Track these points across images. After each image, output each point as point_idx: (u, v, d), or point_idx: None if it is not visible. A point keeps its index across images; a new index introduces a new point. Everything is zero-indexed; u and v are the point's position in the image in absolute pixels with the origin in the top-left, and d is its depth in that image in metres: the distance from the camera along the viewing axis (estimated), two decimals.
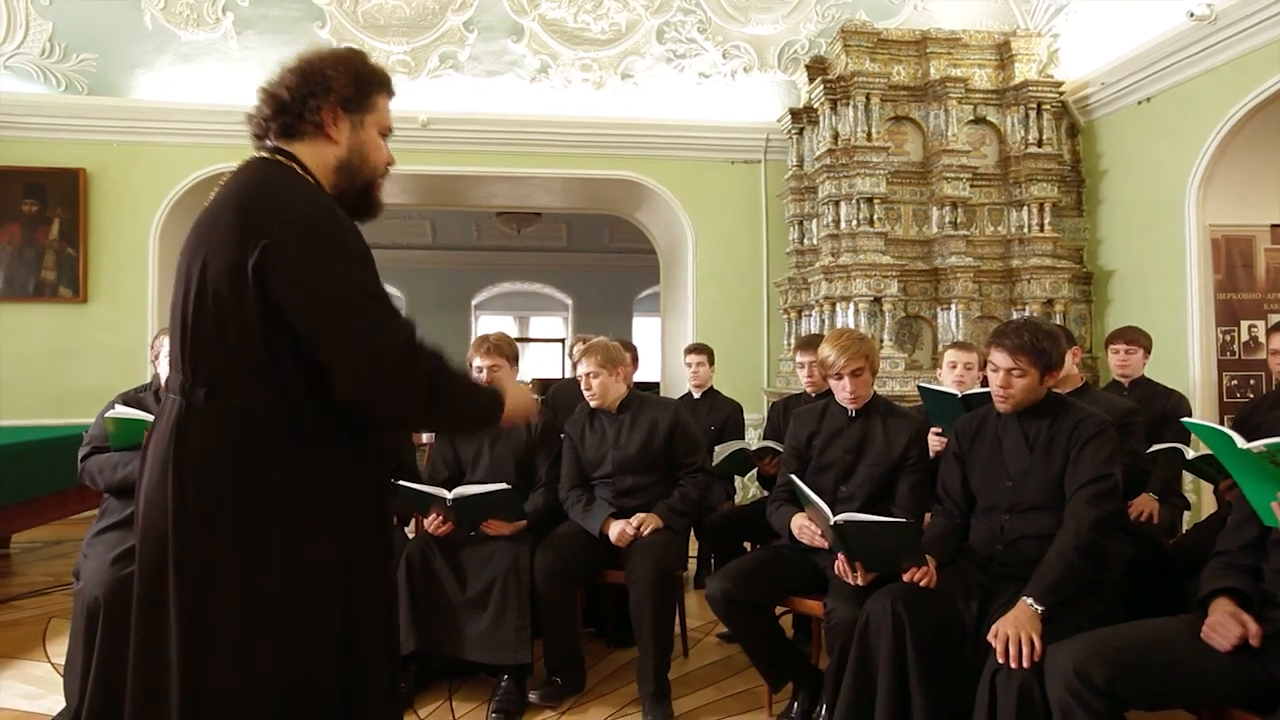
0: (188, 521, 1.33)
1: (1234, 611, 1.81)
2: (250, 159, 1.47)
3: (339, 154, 1.48)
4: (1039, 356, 2.30)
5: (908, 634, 2.20)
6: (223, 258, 1.34)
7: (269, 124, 1.46)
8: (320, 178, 1.47)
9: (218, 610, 1.32)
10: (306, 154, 1.46)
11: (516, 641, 2.80)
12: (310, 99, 1.44)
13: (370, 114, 1.52)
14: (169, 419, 1.39)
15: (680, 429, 3.09)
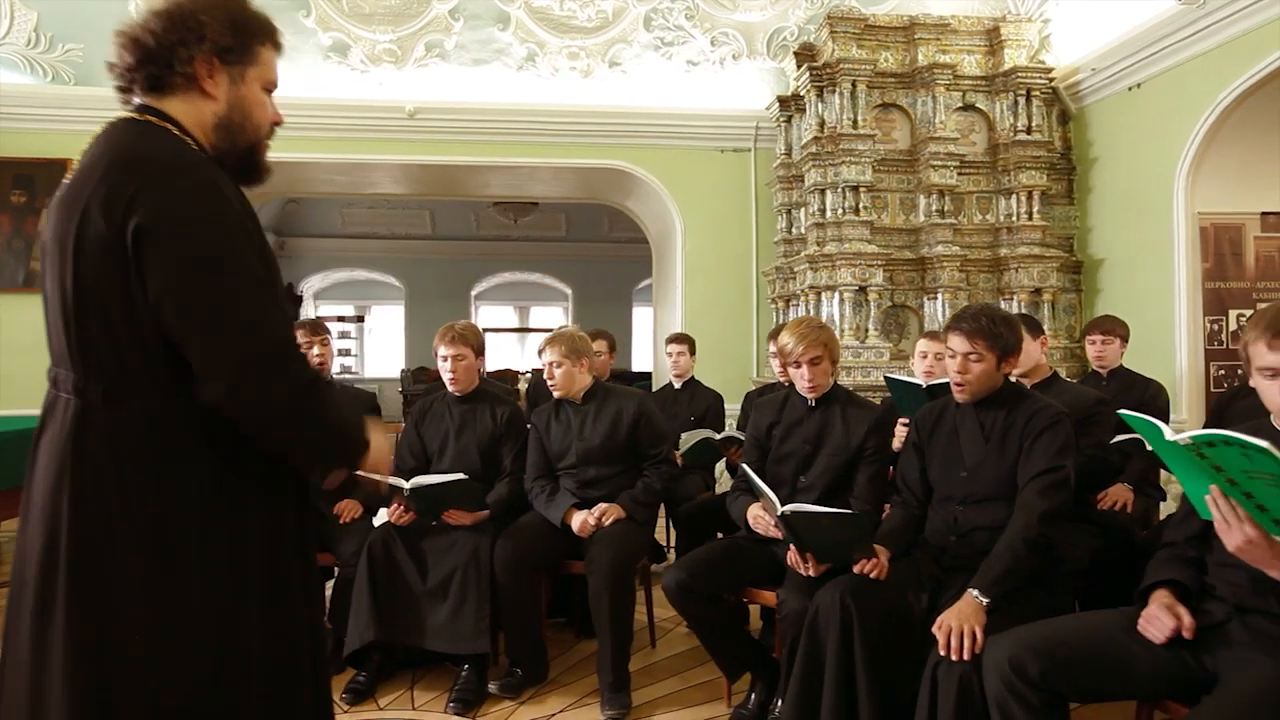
0: (89, 532, 1.20)
1: (1169, 604, 1.79)
2: (118, 120, 1.30)
3: (217, 111, 1.33)
4: (996, 341, 2.27)
5: (855, 625, 2.19)
6: (96, 241, 1.19)
7: (133, 74, 1.30)
8: (199, 138, 1.31)
9: (124, 623, 1.20)
10: (181, 111, 1.30)
11: (475, 631, 2.80)
12: (180, 48, 1.28)
13: (252, 67, 1.36)
14: (64, 422, 1.24)
15: (645, 420, 3.07)
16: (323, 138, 5.95)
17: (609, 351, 4.20)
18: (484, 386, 3.29)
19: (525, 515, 3.05)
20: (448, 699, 2.78)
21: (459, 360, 3.14)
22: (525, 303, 13.35)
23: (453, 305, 12.06)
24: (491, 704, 2.80)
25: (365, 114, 5.93)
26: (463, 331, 3.18)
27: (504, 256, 12.40)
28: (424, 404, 3.32)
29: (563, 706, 2.79)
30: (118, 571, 1.21)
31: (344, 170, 6.52)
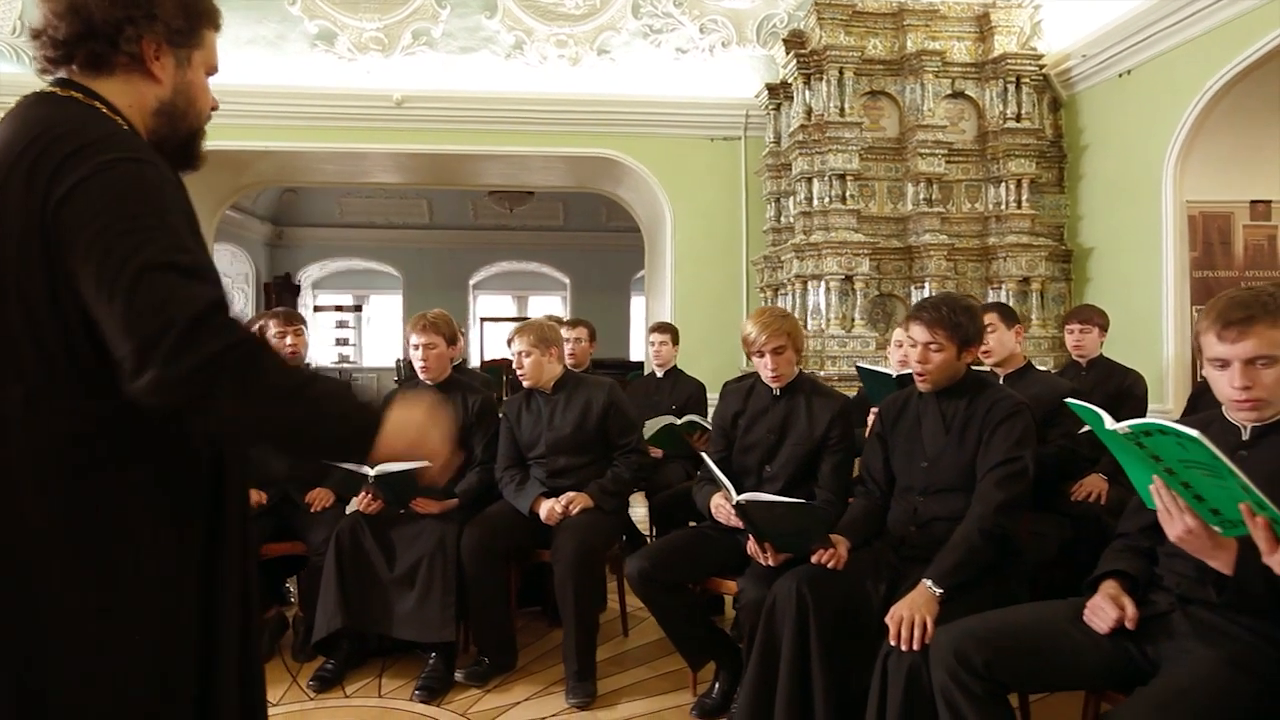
0: (16, 536, 1.12)
1: (1114, 594, 1.78)
2: (38, 93, 1.20)
3: (161, 95, 1.25)
4: (956, 331, 2.25)
5: (811, 615, 2.18)
6: (16, 221, 1.09)
7: (70, 49, 1.20)
8: (135, 121, 1.22)
9: (58, 628, 1.13)
10: (117, 92, 1.21)
11: (441, 620, 2.80)
12: (128, 25, 1.20)
13: (198, 50, 1.29)
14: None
15: (614, 409, 3.07)
16: (311, 127, 5.93)
17: (589, 340, 4.19)
18: (456, 376, 3.29)
19: (494, 504, 3.05)
20: (414, 687, 2.78)
21: (430, 349, 3.14)
22: (524, 292, 13.34)
23: (451, 294, 12.04)
24: (458, 692, 2.80)
25: (353, 103, 5.91)
26: (434, 320, 3.18)
27: (502, 246, 12.37)
28: (396, 393, 3.31)
29: (528, 695, 2.80)
30: (44, 588, 1.12)
31: (334, 159, 6.51)
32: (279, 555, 3.12)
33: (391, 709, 2.68)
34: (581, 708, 2.69)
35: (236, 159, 6.26)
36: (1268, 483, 1.67)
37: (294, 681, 2.88)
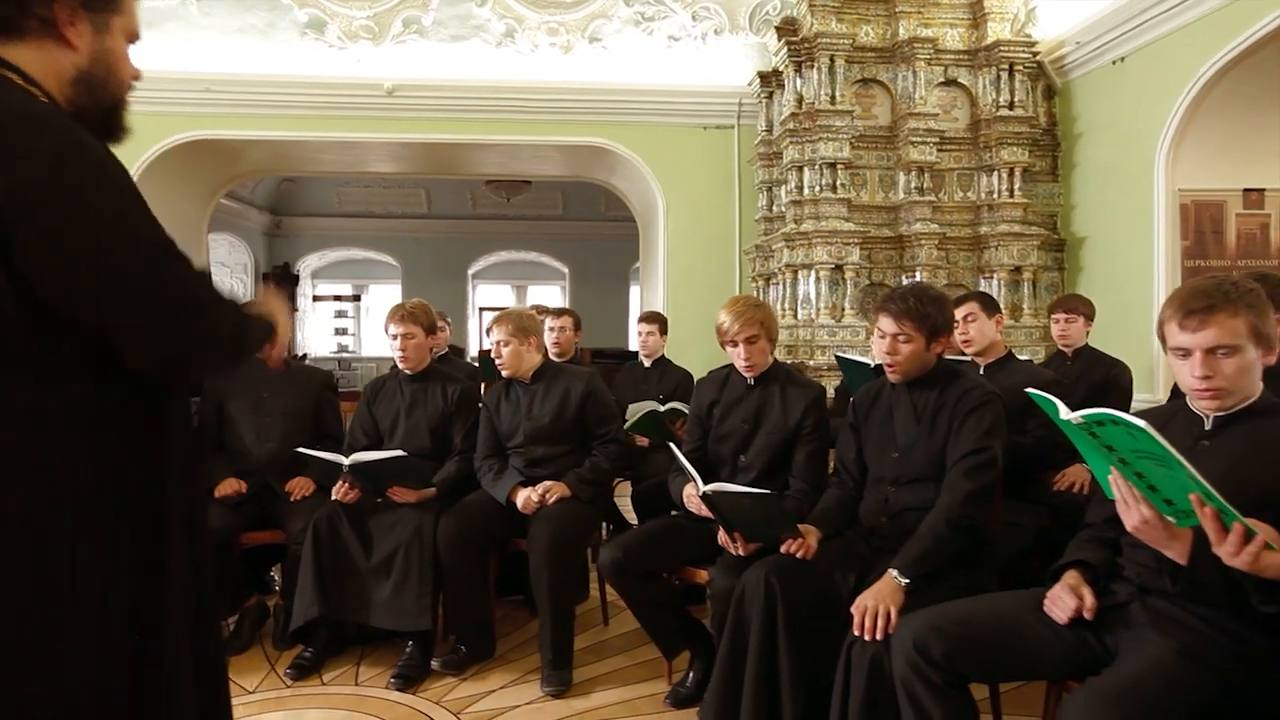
0: None
1: (1074, 584, 1.77)
2: None
3: (78, 63, 1.18)
4: (924, 322, 2.24)
5: (779, 605, 2.18)
6: None
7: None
8: (52, 90, 1.16)
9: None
10: (31, 60, 1.14)
11: (417, 608, 2.81)
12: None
13: (118, 16, 1.22)
14: None
15: (593, 399, 3.06)
16: (301, 116, 5.92)
17: (574, 329, 4.18)
18: (436, 365, 3.28)
19: (472, 494, 3.05)
20: (390, 675, 2.79)
21: (409, 339, 3.14)
22: (523, 282, 13.33)
23: (450, 284, 12.05)
24: (434, 680, 2.81)
25: (344, 92, 5.90)
26: (413, 310, 3.18)
27: (501, 235, 12.36)
28: (376, 383, 3.32)
29: (504, 683, 2.81)
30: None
31: (326, 149, 6.50)
32: (260, 544, 3.13)
33: (366, 697, 2.69)
34: (555, 696, 2.70)
35: (227, 148, 6.26)
36: (1229, 472, 1.67)
37: (272, 669, 2.89)
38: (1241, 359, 1.66)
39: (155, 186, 5.99)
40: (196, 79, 5.66)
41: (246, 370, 3.32)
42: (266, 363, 3.28)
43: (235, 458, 3.19)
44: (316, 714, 2.58)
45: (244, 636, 3.09)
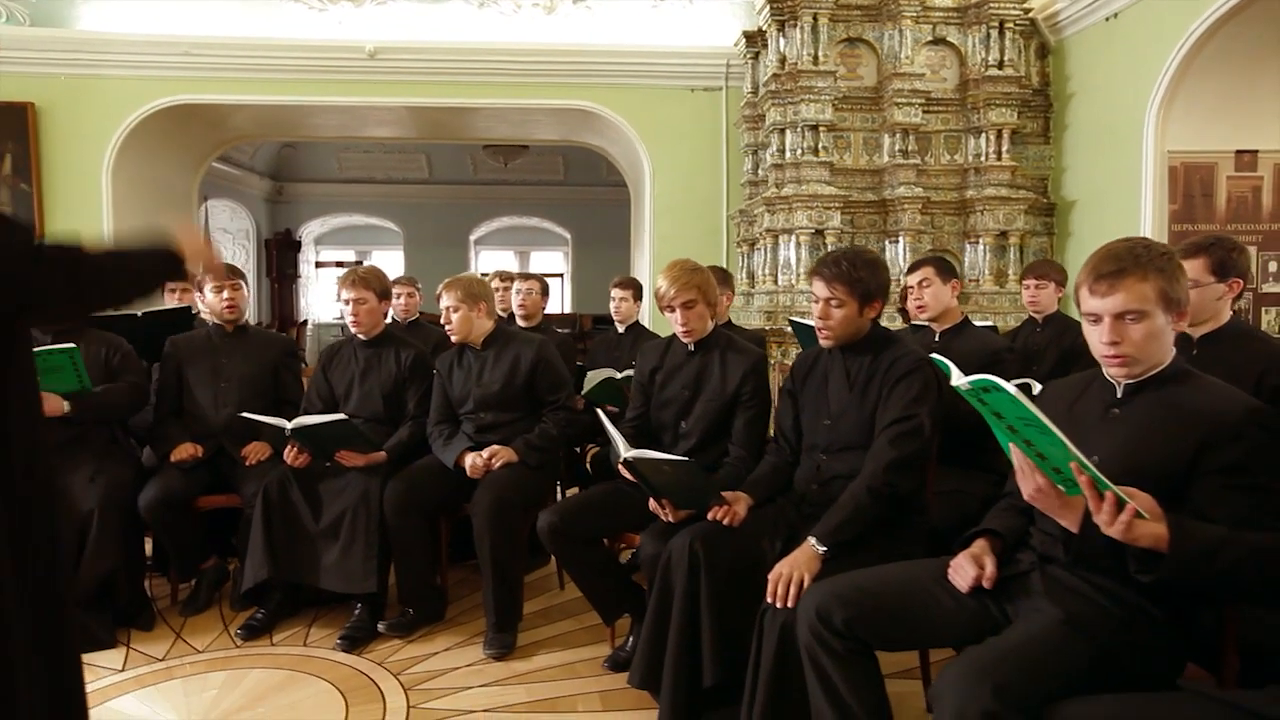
0: None
1: (977, 553, 1.75)
2: None
3: None
4: (855, 286, 2.19)
5: (702, 572, 2.18)
6: None
7: None
8: None
9: None
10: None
11: (363, 571, 2.83)
12: None
13: None
14: None
15: (543, 366, 3.04)
16: (283, 80, 5.87)
17: (541, 293, 4.15)
18: (390, 330, 3.28)
19: (423, 459, 3.05)
20: (336, 636, 2.83)
21: (360, 304, 3.13)
22: (525, 247, 13.29)
23: (451, 250, 12.04)
24: (380, 642, 2.84)
25: (325, 55, 5.84)
26: (364, 275, 3.16)
27: (502, 201, 12.30)
28: (332, 348, 3.32)
29: (449, 645, 2.83)
30: None
31: (314, 113, 6.44)
32: (217, 508, 3.15)
33: (311, 657, 2.73)
34: (497, 658, 2.72)
35: (212, 113, 6.23)
36: (1135, 441, 1.64)
37: (225, 630, 2.94)
38: (1150, 325, 1.61)
39: (140, 152, 6.00)
40: (176, 42, 5.63)
41: (204, 336, 3.34)
42: (225, 322, 3.31)
43: (193, 423, 3.21)
44: (260, 673, 2.61)
45: (202, 598, 3.13)
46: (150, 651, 2.76)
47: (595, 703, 2.45)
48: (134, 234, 1.60)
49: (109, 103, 5.74)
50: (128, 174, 5.95)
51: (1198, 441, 1.55)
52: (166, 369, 3.28)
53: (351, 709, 2.39)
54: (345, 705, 2.41)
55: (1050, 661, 1.44)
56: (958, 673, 1.42)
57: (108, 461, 2.97)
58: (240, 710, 2.37)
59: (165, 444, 3.14)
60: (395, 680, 2.57)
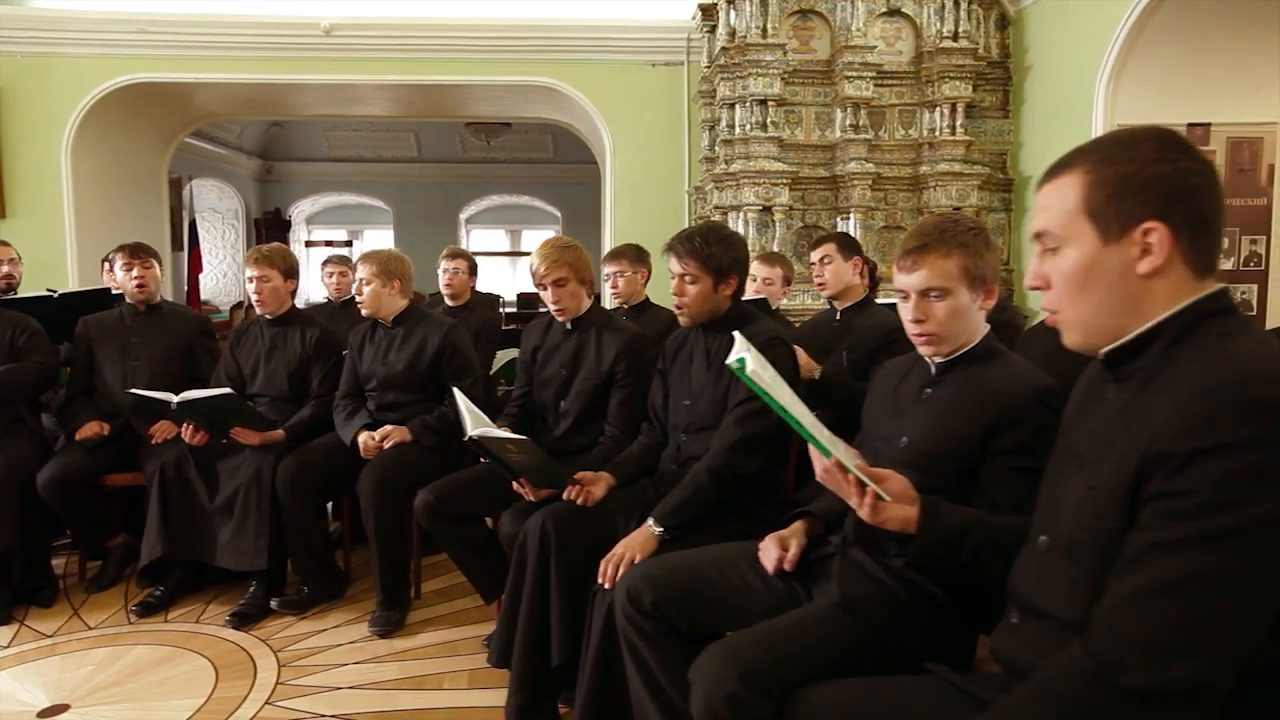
0: None
1: (784, 535, 1.73)
2: None
3: None
4: (708, 262, 2.15)
5: (553, 551, 2.16)
6: None
7: None
8: None
9: None
10: None
11: (255, 548, 2.85)
12: None
13: None
14: None
15: (449, 351, 3.01)
16: (239, 57, 5.85)
17: (468, 272, 4.13)
18: (296, 309, 3.27)
19: (322, 437, 3.06)
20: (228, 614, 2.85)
21: (264, 282, 3.12)
22: (517, 226, 13.24)
23: (441, 229, 12.01)
24: (273, 619, 2.86)
25: (281, 31, 5.81)
26: (268, 254, 3.16)
27: (492, 179, 12.24)
28: (240, 328, 3.32)
29: (340, 623, 2.85)
30: None
31: (281, 91, 6.42)
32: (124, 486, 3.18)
33: (198, 634, 2.75)
34: (382, 636, 2.73)
35: (174, 91, 6.22)
36: (939, 421, 1.60)
37: (123, 607, 2.97)
38: (953, 302, 1.57)
39: (101, 131, 6.02)
40: (132, 19, 5.62)
41: (116, 315, 3.35)
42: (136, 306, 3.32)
43: (102, 401, 3.23)
44: (142, 650, 2.64)
45: (108, 575, 3.17)
46: (41, 628, 2.79)
47: (462, 680, 2.45)
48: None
49: (65, 81, 5.75)
50: (89, 153, 5.97)
51: (990, 422, 1.51)
52: (78, 348, 3.30)
53: (220, 683, 2.42)
54: (215, 680, 2.43)
55: (817, 645, 1.42)
56: (712, 656, 1.41)
57: (9, 440, 3.01)
58: (110, 686, 2.40)
59: (72, 422, 3.16)
60: (274, 656, 2.59)
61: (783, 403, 1.31)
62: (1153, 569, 0.86)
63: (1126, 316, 1.02)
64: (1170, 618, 0.84)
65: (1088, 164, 1.04)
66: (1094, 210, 1.02)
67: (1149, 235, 0.99)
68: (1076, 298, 1.05)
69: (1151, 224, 0.99)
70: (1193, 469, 0.85)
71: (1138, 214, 0.99)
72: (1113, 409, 1.05)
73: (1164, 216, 0.99)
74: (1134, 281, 1.01)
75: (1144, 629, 0.85)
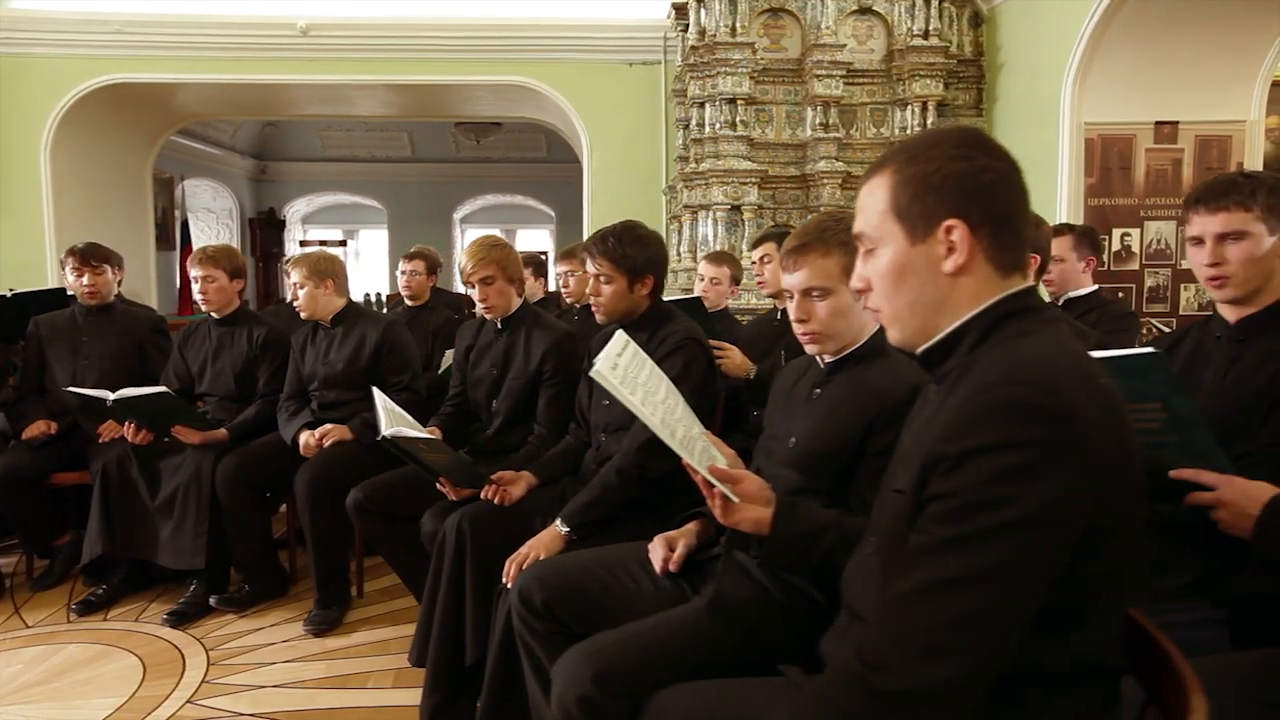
0: None
1: (672, 535, 1.72)
2: None
3: None
4: (621, 262, 2.15)
5: (468, 551, 2.16)
6: None
7: None
8: None
9: None
10: None
11: (193, 547, 2.86)
12: None
13: None
14: None
15: (387, 348, 3.01)
16: (217, 58, 5.88)
17: (426, 273, 4.13)
18: (245, 309, 3.28)
19: (266, 436, 3.06)
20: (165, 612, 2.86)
21: (209, 281, 3.13)
22: (511, 225, 13.25)
23: (436, 228, 12.01)
24: (212, 617, 2.87)
25: (258, 32, 5.83)
26: (213, 254, 3.16)
27: (486, 179, 12.25)
28: (189, 327, 3.33)
29: (278, 621, 2.85)
30: None
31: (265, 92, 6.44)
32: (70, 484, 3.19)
33: (135, 633, 2.76)
34: (316, 635, 2.73)
35: (154, 91, 6.25)
36: (823, 421, 1.59)
37: (65, 606, 2.98)
38: (836, 301, 1.56)
39: (81, 132, 6.05)
40: (108, 20, 5.66)
41: (68, 315, 3.37)
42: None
43: (52, 401, 3.25)
44: (76, 648, 2.65)
45: (55, 574, 3.18)
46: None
47: (387, 679, 2.45)
48: None
49: (43, 82, 5.79)
50: (69, 153, 6.01)
51: (867, 422, 1.51)
52: (29, 347, 3.32)
53: (146, 682, 2.42)
54: (142, 678, 2.44)
55: (682, 647, 1.41)
56: (571, 656, 1.40)
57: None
58: (35, 685, 2.41)
59: (20, 421, 3.18)
60: (205, 655, 2.60)
61: (629, 404, 1.30)
62: (918, 572, 0.85)
63: (938, 316, 1.01)
64: (929, 620, 0.83)
65: (895, 164, 1.03)
66: (900, 210, 1.01)
67: (951, 233, 0.98)
68: (892, 298, 1.04)
69: (952, 222, 0.98)
70: (960, 471, 0.84)
71: (939, 213, 0.98)
72: (931, 409, 1.04)
73: (962, 214, 0.98)
74: (942, 280, 1.00)
75: (904, 631, 0.84)
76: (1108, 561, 0.87)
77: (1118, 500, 0.86)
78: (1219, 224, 1.59)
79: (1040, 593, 0.83)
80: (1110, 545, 0.87)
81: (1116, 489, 0.85)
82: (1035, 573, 0.82)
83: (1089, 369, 0.89)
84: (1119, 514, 0.86)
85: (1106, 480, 0.84)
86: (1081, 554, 0.85)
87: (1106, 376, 0.91)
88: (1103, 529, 0.85)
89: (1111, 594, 0.90)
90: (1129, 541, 0.89)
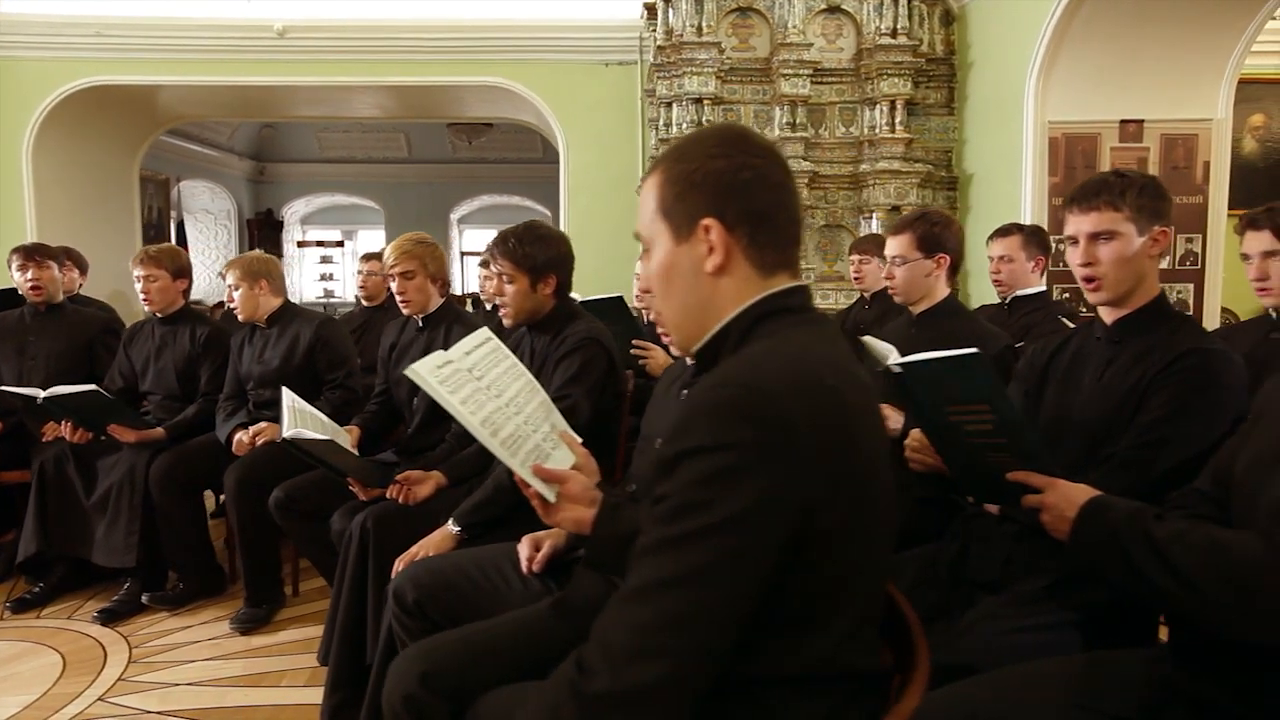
0: None
1: (538, 535, 1.71)
2: None
3: None
4: (522, 262, 2.15)
5: (371, 550, 2.16)
6: None
7: None
8: None
9: None
10: None
11: (125, 545, 2.88)
12: None
13: None
14: None
15: (321, 345, 3.02)
16: (195, 60, 5.92)
17: (383, 274, 4.13)
18: (188, 308, 3.30)
19: (202, 435, 3.08)
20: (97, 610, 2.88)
21: (151, 281, 3.15)
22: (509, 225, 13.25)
23: (433, 230, 11.93)
24: (144, 615, 2.89)
25: (235, 34, 5.87)
26: (155, 254, 3.18)
27: (483, 179, 12.29)
28: (134, 327, 3.36)
29: (209, 619, 2.87)
30: None
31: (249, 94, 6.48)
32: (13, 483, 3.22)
33: (63, 630, 2.78)
34: (243, 633, 2.75)
35: (136, 93, 6.30)
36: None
37: (2, 603, 3.01)
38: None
39: (63, 134, 6.11)
40: (87, 23, 5.71)
41: (16, 315, 3.40)
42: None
43: None
44: (2, 645, 2.67)
45: (1, 569, 3.22)
46: None
47: (302, 678, 2.46)
48: None
49: (24, 84, 5.85)
50: (51, 155, 6.07)
51: None
52: None
53: (64, 679, 2.44)
54: (60, 675, 2.46)
55: (517, 648, 1.40)
56: (405, 655, 1.40)
57: None
58: None
59: None
60: (128, 652, 2.62)
61: (445, 403, 1.29)
62: (635, 573, 0.84)
63: (705, 317, 1.00)
64: (634, 622, 0.82)
65: (664, 164, 1.02)
66: (666, 210, 1.00)
67: (709, 232, 0.97)
68: (666, 299, 1.03)
69: (708, 220, 0.97)
70: (675, 473, 0.84)
71: (697, 211, 0.97)
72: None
73: (718, 213, 0.96)
74: (705, 281, 0.99)
75: (611, 634, 0.83)
76: (835, 564, 0.86)
77: (840, 502, 0.84)
78: (1090, 223, 1.58)
79: (751, 593, 0.82)
80: (837, 547, 0.85)
81: (837, 491, 0.84)
82: (742, 574, 0.81)
83: (819, 371, 0.88)
84: (843, 516, 0.85)
85: (821, 482, 0.83)
86: (805, 556, 0.83)
87: (849, 379, 0.89)
88: (822, 531, 0.83)
89: (846, 595, 0.88)
90: (863, 544, 0.88)
